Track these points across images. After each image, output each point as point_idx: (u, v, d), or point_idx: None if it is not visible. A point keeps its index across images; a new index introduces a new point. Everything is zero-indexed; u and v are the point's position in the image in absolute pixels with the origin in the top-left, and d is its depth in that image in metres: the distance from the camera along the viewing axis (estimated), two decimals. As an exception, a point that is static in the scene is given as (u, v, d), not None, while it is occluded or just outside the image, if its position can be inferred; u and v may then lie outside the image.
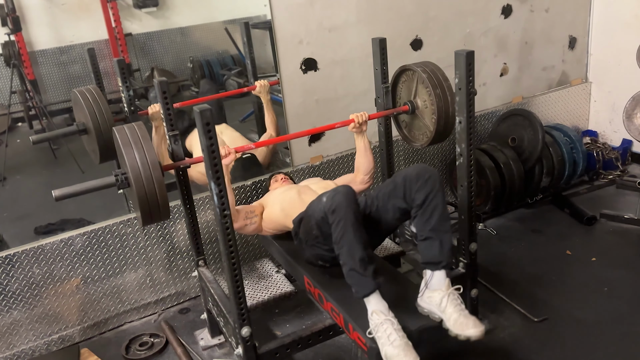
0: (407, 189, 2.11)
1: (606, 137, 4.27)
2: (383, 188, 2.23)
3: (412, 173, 2.12)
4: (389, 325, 1.92)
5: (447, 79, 2.49)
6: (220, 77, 3.72)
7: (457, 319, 1.97)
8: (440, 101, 2.46)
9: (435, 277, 2.06)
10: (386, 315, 1.95)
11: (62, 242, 2.71)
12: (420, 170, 2.12)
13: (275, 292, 2.64)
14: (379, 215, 2.23)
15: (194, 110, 1.80)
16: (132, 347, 2.75)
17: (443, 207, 2.10)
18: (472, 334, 1.94)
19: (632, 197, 3.63)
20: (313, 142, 3.28)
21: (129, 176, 1.98)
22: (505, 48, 3.82)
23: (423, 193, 2.08)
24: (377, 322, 1.94)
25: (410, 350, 1.87)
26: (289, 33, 3.04)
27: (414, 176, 2.10)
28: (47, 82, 3.23)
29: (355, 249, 1.97)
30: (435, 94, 2.45)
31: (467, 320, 1.96)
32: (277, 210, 2.56)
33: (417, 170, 2.12)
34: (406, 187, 2.11)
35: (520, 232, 3.47)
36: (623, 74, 3.96)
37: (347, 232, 1.97)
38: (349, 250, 1.97)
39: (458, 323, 1.97)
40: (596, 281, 2.90)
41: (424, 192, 2.08)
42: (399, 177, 2.15)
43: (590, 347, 2.46)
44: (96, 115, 2.53)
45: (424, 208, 2.09)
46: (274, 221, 2.58)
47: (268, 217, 2.59)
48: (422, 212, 2.09)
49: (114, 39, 3.32)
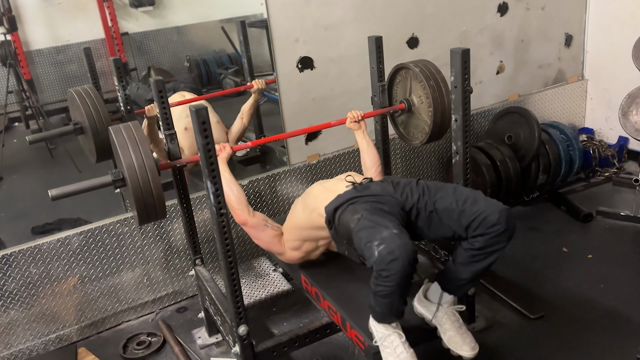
0: (475, 226, 1.87)
1: (602, 135, 4.28)
2: (445, 199, 1.97)
3: (491, 216, 1.85)
4: (396, 337, 1.88)
5: (443, 76, 2.49)
6: (217, 76, 3.72)
7: (452, 337, 1.99)
8: (436, 99, 2.46)
9: (444, 297, 2.05)
10: (394, 328, 1.91)
11: (59, 242, 2.71)
12: (501, 218, 1.85)
13: (273, 291, 2.64)
14: (429, 225, 2.01)
15: (190, 109, 1.80)
16: (130, 346, 2.75)
17: (495, 261, 1.93)
18: (464, 354, 1.96)
19: (628, 194, 3.64)
20: (310, 141, 3.29)
21: (125, 175, 1.98)
22: (502, 46, 3.83)
23: (489, 242, 1.87)
24: (384, 333, 1.90)
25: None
26: (285, 31, 3.04)
27: (491, 221, 1.85)
28: (44, 82, 3.22)
29: (394, 305, 1.84)
30: (431, 92, 2.45)
31: (462, 342, 1.97)
32: (301, 211, 2.30)
33: (498, 216, 1.85)
34: (475, 223, 1.87)
35: (517, 230, 3.40)
36: (619, 71, 3.97)
37: (392, 296, 1.79)
38: (386, 304, 1.83)
39: (453, 341, 1.99)
40: (592, 278, 2.91)
41: (490, 242, 1.87)
42: (470, 206, 1.90)
43: (586, 344, 2.47)
44: (92, 115, 2.53)
45: (480, 252, 1.91)
46: (298, 226, 2.30)
47: (291, 227, 2.34)
48: (475, 254, 1.92)
49: (111, 38, 3.31)
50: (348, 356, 2.54)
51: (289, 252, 2.36)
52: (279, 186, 3.21)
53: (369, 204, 2.00)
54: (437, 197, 2.00)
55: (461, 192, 1.99)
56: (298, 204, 2.38)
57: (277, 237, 2.36)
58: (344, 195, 2.09)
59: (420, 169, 3.69)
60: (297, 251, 2.35)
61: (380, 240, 1.74)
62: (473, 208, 1.89)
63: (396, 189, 2.10)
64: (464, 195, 1.96)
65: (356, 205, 2.01)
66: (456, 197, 1.96)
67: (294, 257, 2.38)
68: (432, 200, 2.00)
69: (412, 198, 2.04)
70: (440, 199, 1.99)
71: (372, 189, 2.12)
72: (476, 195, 1.95)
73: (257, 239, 2.37)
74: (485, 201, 1.92)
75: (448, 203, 1.96)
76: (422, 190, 2.05)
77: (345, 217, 2.00)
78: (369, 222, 1.87)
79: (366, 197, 2.05)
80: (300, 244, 2.33)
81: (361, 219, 1.90)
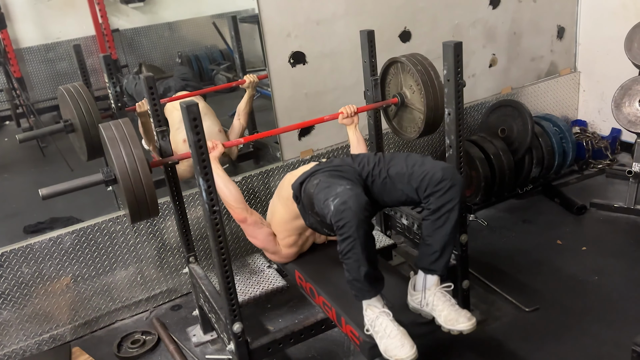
0: (424, 186, 1.97)
1: (595, 127, 4.29)
2: (397, 165, 2.08)
3: (437, 174, 1.95)
4: (384, 318, 1.92)
5: (436, 70, 2.49)
6: (209, 72, 3.70)
7: (447, 315, 1.98)
8: (429, 93, 2.45)
9: (428, 280, 2.06)
10: (380, 309, 1.94)
11: (51, 241, 2.69)
12: (445, 174, 1.95)
13: (267, 287, 2.63)
14: (384, 190, 2.11)
15: (180, 105, 1.78)
16: (124, 345, 2.73)
17: (457, 220, 1.99)
18: (463, 328, 1.95)
19: (622, 186, 3.64)
20: (303, 136, 3.27)
21: (116, 173, 1.96)
22: (494, 39, 3.82)
23: (441, 201, 1.96)
24: (372, 317, 1.94)
25: (407, 338, 1.87)
26: (277, 26, 3.02)
27: (437, 178, 1.95)
28: (34, 80, 3.20)
29: (362, 265, 1.87)
30: (424, 86, 2.45)
31: (458, 315, 1.96)
32: (277, 205, 2.39)
33: (442, 172, 1.95)
34: (423, 183, 1.97)
35: (511, 223, 3.48)
36: (611, 63, 3.97)
37: (355, 249, 1.85)
38: (354, 265, 1.88)
39: (449, 319, 1.97)
40: (587, 270, 2.92)
41: (441, 200, 1.96)
42: (419, 168, 2.00)
43: (582, 336, 2.47)
44: (83, 113, 2.51)
45: (437, 215, 1.98)
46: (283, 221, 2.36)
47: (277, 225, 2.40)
48: (434, 219, 2.00)
49: (101, 35, 3.29)
50: (343, 352, 2.54)
51: (284, 249, 2.42)
52: (273, 182, 3.20)
53: (328, 172, 2.14)
54: (391, 165, 2.11)
55: (412, 157, 2.09)
56: (274, 200, 2.46)
57: (272, 235, 2.42)
58: (308, 171, 2.21)
59: (414, 163, 3.68)
60: (293, 247, 2.42)
61: (334, 196, 1.87)
62: (420, 169, 2.00)
63: (355, 160, 2.23)
64: (413, 159, 2.06)
65: (317, 174, 2.15)
66: (407, 162, 2.06)
67: (290, 254, 2.45)
68: (386, 168, 2.11)
69: (368, 167, 2.16)
70: (393, 165, 2.10)
71: (334, 162, 2.26)
72: (424, 159, 2.05)
73: (253, 237, 2.41)
74: (432, 162, 2.02)
75: (399, 168, 2.07)
76: (378, 159, 2.17)
77: (307, 187, 2.13)
78: (325, 184, 2.01)
79: (326, 168, 2.19)
80: (295, 238, 2.40)
81: (320, 183, 2.04)
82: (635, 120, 3.28)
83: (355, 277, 1.91)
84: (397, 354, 1.85)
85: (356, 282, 1.93)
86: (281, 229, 2.39)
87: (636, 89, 3.28)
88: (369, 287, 1.94)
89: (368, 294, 1.95)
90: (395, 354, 1.85)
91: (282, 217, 2.36)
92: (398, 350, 1.85)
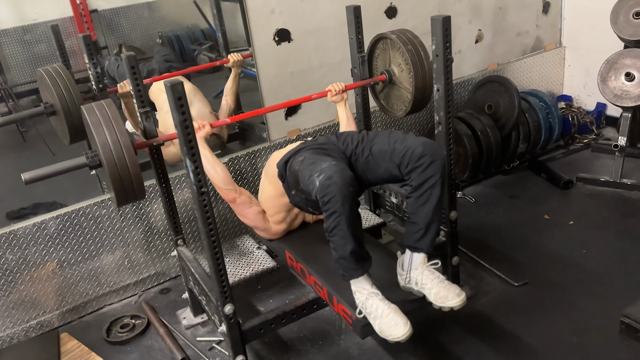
0: (405, 162, 1.95)
1: (580, 102, 4.30)
2: (379, 143, 2.06)
3: (417, 149, 1.93)
4: (374, 298, 1.91)
5: (421, 42, 2.47)
6: (191, 52, 3.63)
7: (437, 292, 1.96)
8: (416, 63, 2.43)
9: (414, 258, 2.04)
10: (369, 290, 1.93)
11: (35, 227, 2.64)
12: (426, 149, 1.92)
13: (257, 269, 2.61)
14: (367, 168, 2.09)
15: (165, 84, 1.74)
16: (114, 330, 2.71)
17: (440, 196, 1.97)
18: (454, 304, 1.93)
19: (607, 160, 3.67)
20: (290, 116, 3.23)
21: (100, 156, 1.91)
22: (480, 14, 3.79)
23: (422, 177, 1.94)
24: (362, 299, 1.93)
25: (400, 315, 1.87)
26: (260, 2, 2.96)
27: (417, 154, 1.92)
28: (12, 63, 3.12)
29: (348, 242, 1.86)
30: (413, 66, 2.42)
31: (447, 292, 1.95)
32: (265, 184, 2.40)
33: (423, 148, 1.93)
34: (405, 159, 1.95)
35: (498, 199, 3.49)
36: (596, 37, 3.97)
37: (340, 225, 1.83)
38: (340, 241, 1.87)
39: (439, 296, 1.95)
40: (574, 244, 2.94)
41: (423, 176, 1.93)
42: (400, 144, 1.98)
43: (570, 309, 2.50)
44: (64, 95, 2.44)
45: (419, 192, 1.96)
46: (270, 198, 2.37)
47: (266, 202, 2.41)
48: (417, 196, 1.98)
49: (79, 15, 3.20)
50: (335, 330, 2.54)
51: (274, 226, 2.44)
52: (260, 163, 3.16)
53: (312, 149, 2.14)
54: (373, 142, 2.10)
55: (394, 134, 2.07)
56: (262, 178, 2.46)
57: (262, 214, 2.42)
58: (293, 149, 2.21)
59: (401, 141, 3.67)
60: (282, 223, 2.44)
61: (319, 171, 1.86)
62: (401, 145, 1.98)
63: (339, 139, 2.22)
64: (395, 136, 2.05)
65: (302, 152, 2.15)
66: (389, 140, 2.05)
67: (279, 230, 2.46)
68: (369, 146, 2.10)
69: (352, 145, 2.15)
70: (376, 143, 2.09)
71: (319, 140, 2.26)
72: (406, 135, 2.04)
73: (243, 216, 2.42)
74: (413, 138, 2.00)
75: (382, 145, 2.05)
76: (362, 137, 2.17)
77: (292, 164, 2.14)
78: (310, 160, 2.01)
79: (311, 145, 2.19)
80: (284, 215, 2.42)
81: (304, 160, 2.05)
82: (621, 94, 3.29)
83: (342, 254, 1.90)
84: (392, 333, 1.84)
85: (343, 260, 1.92)
86: (269, 205, 2.40)
87: (622, 63, 3.28)
88: (355, 264, 1.92)
89: (355, 272, 1.94)
90: (390, 333, 1.85)
91: (269, 194, 2.37)
92: (393, 330, 1.85)
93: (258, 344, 2.50)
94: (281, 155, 2.26)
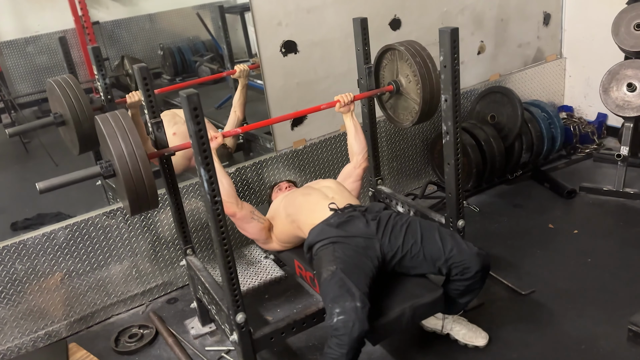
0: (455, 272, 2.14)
1: (581, 112, 4.34)
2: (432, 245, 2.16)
3: (473, 266, 2.12)
4: None
5: (429, 54, 2.50)
6: (192, 63, 3.66)
7: (466, 334, 2.37)
8: (424, 76, 2.46)
9: None
10: None
11: (44, 237, 2.65)
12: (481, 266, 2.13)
13: (266, 278, 2.63)
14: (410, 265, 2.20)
15: (180, 94, 1.76)
16: (122, 340, 2.71)
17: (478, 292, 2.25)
18: (481, 343, 2.35)
19: (609, 169, 3.70)
20: (295, 126, 3.26)
21: (115, 166, 1.93)
22: (482, 26, 3.83)
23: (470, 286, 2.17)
24: None
25: None
26: (267, 15, 2.99)
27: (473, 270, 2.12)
28: (14, 74, 3.14)
29: None
30: (418, 69, 2.45)
31: (475, 333, 2.37)
32: (283, 218, 2.47)
33: (477, 268, 2.12)
34: (457, 269, 2.13)
35: (503, 208, 3.51)
36: (597, 48, 4.02)
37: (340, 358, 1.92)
38: None
39: (468, 336, 2.37)
40: (579, 252, 2.96)
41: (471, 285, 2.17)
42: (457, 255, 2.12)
43: (578, 317, 2.51)
44: (74, 105, 2.46)
45: (464, 291, 2.21)
46: (286, 232, 2.47)
47: (279, 229, 2.50)
48: (461, 293, 2.22)
49: (81, 27, 3.23)
50: (344, 339, 2.54)
51: (276, 245, 2.54)
52: (266, 173, 3.18)
53: (349, 249, 2.12)
54: (425, 244, 2.17)
55: (444, 235, 2.18)
56: (280, 209, 2.48)
57: (263, 230, 2.47)
58: (326, 230, 2.21)
59: (405, 151, 3.70)
60: (288, 244, 2.54)
61: (341, 309, 1.89)
62: (459, 257, 2.12)
63: (378, 229, 2.20)
64: (446, 239, 2.16)
65: (336, 246, 2.13)
66: (443, 244, 2.15)
67: (280, 249, 2.55)
68: (421, 246, 2.17)
69: (397, 241, 2.18)
70: (426, 245, 2.17)
71: (355, 226, 2.21)
72: (456, 240, 2.16)
73: (243, 230, 2.48)
74: (467, 249, 2.14)
75: (435, 250, 2.16)
76: (405, 232, 2.20)
77: (322, 254, 2.14)
78: (338, 281, 1.98)
79: (347, 240, 2.16)
80: (292, 244, 2.53)
81: (335, 274, 2.01)
82: (623, 104, 3.33)
83: None
84: None
85: None
86: (281, 234, 2.50)
87: (624, 74, 3.32)
88: None
89: None
90: None
91: (285, 229, 2.47)
92: None
93: (267, 353, 2.51)
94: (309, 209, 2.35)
